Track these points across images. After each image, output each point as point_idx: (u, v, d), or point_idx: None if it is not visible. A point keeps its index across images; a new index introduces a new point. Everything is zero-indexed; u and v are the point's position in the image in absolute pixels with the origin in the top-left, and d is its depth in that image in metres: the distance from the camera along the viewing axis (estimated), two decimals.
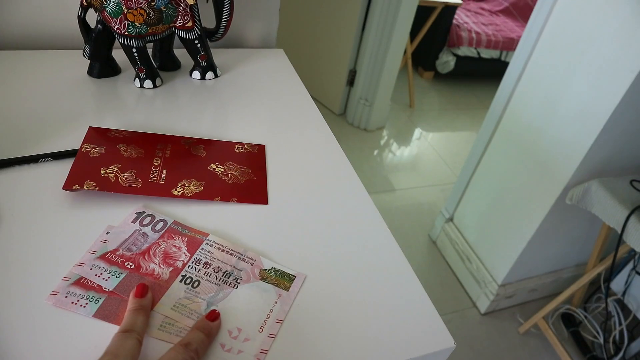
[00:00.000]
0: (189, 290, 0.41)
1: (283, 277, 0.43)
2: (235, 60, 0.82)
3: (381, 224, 0.52)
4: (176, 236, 0.45)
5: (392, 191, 2.14)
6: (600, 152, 1.19)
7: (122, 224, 0.46)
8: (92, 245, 0.43)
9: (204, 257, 0.44)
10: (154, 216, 0.47)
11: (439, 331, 0.41)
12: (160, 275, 0.41)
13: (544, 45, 1.28)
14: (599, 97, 1.12)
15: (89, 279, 0.40)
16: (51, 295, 0.38)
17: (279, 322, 0.39)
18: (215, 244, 0.45)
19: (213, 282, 0.42)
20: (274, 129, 0.65)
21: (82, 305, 0.38)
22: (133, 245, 0.44)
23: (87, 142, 0.54)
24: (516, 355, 1.51)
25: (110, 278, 0.40)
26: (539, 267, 1.57)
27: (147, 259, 0.42)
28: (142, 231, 0.45)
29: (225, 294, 0.41)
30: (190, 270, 0.42)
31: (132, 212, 0.47)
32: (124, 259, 0.42)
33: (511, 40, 3.11)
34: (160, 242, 0.44)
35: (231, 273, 0.43)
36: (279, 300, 0.41)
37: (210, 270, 0.43)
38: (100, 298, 0.38)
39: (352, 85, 2.49)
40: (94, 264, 0.41)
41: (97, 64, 0.70)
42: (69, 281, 0.39)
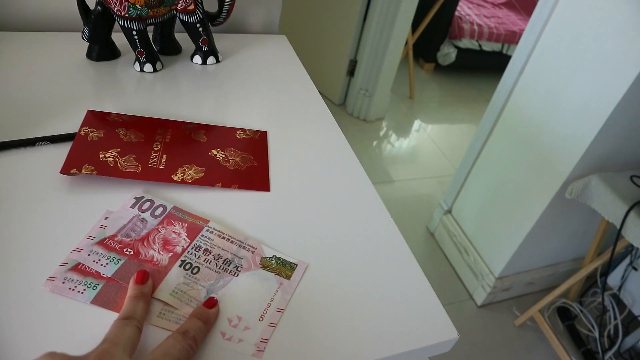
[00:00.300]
0: (189, 276, 0.40)
1: (284, 266, 0.43)
2: (237, 46, 0.81)
3: (384, 214, 0.51)
4: (176, 222, 0.44)
5: (390, 182, 2.13)
6: (601, 147, 1.19)
7: (120, 210, 0.45)
8: (90, 230, 0.42)
9: (204, 243, 0.43)
10: (153, 201, 0.46)
11: (441, 322, 0.41)
12: (159, 261, 0.41)
13: (548, 38, 1.27)
14: (601, 91, 1.11)
15: (87, 265, 0.39)
16: (48, 281, 0.37)
17: (280, 311, 0.39)
18: (216, 231, 0.44)
19: (213, 269, 0.41)
20: (276, 116, 0.64)
21: (80, 292, 0.37)
22: (132, 231, 0.43)
23: (86, 125, 0.53)
24: (512, 348, 1.52)
25: (109, 264, 0.39)
26: (536, 260, 1.57)
27: (146, 245, 0.42)
28: (141, 217, 0.44)
29: (226, 281, 0.40)
30: (189, 256, 0.42)
31: (131, 197, 0.46)
32: (123, 245, 0.41)
33: (513, 33, 3.09)
34: (160, 228, 0.44)
35: (232, 261, 0.42)
36: (280, 289, 0.41)
37: (210, 257, 0.42)
38: (98, 284, 0.38)
39: (352, 75, 2.47)
40: (91, 249, 0.40)
41: (96, 46, 0.68)
42: (66, 267, 0.38)
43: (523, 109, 1.38)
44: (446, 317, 0.41)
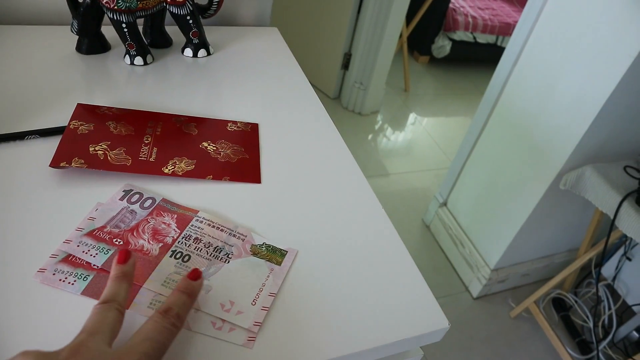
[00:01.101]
0: (180, 264, 0.40)
1: (274, 253, 0.43)
2: (229, 38, 0.80)
3: (376, 205, 0.51)
4: (165, 213, 0.44)
5: (386, 175, 2.13)
6: (595, 138, 1.19)
7: (109, 202, 0.45)
8: (80, 222, 0.42)
9: (194, 233, 0.43)
10: (142, 194, 0.46)
11: (433, 311, 0.41)
12: (149, 250, 0.41)
13: (541, 29, 1.26)
14: (595, 82, 1.11)
15: (76, 256, 0.39)
16: (38, 273, 0.37)
17: (272, 295, 0.39)
18: (206, 220, 0.45)
19: (204, 257, 0.41)
20: (268, 108, 0.64)
21: (71, 283, 0.37)
22: (121, 222, 0.43)
23: (75, 119, 0.53)
24: (507, 339, 1.52)
25: (99, 254, 0.39)
26: (532, 252, 1.58)
27: (136, 235, 0.42)
28: (130, 208, 0.44)
29: (217, 268, 0.40)
30: (180, 246, 0.42)
31: (120, 189, 0.46)
32: (112, 235, 0.41)
33: (507, 25, 3.09)
34: (149, 219, 0.44)
35: (222, 248, 0.42)
36: (271, 274, 0.41)
37: (200, 245, 0.42)
38: (88, 275, 0.38)
39: (346, 68, 2.47)
40: (81, 241, 0.40)
41: (86, 39, 0.68)
42: (56, 258, 0.38)
43: (517, 100, 1.38)
44: (437, 306, 0.42)
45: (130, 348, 0.29)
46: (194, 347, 0.35)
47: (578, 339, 1.52)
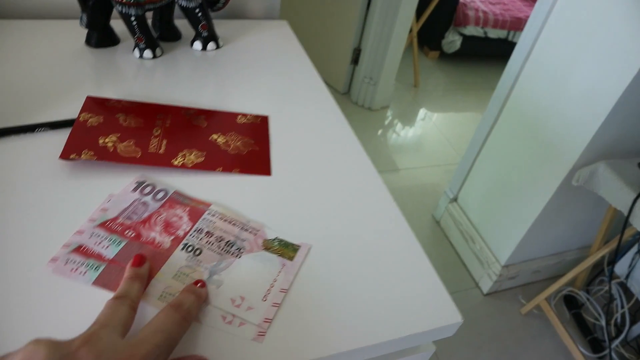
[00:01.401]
0: (191, 258, 0.40)
1: (287, 247, 0.42)
2: (238, 31, 0.80)
3: (388, 199, 0.50)
4: (177, 206, 0.44)
5: (395, 171, 2.12)
6: (608, 134, 1.17)
7: (122, 193, 0.45)
8: (92, 213, 0.42)
9: (206, 226, 0.43)
10: (154, 186, 0.46)
11: (446, 306, 0.40)
12: (161, 243, 0.40)
13: (553, 24, 1.24)
14: (608, 77, 1.09)
15: (88, 247, 0.39)
16: (51, 262, 0.37)
17: (283, 291, 0.39)
18: (218, 214, 0.44)
19: (215, 251, 0.41)
20: (278, 101, 0.63)
21: (82, 273, 0.37)
22: (133, 213, 0.43)
23: (85, 111, 0.53)
24: (517, 336, 1.51)
25: (110, 246, 0.39)
26: (543, 248, 1.56)
27: (148, 227, 0.42)
28: (142, 200, 0.44)
29: (228, 263, 0.40)
30: (191, 239, 0.41)
31: (132, 181, 0.46)
32: (124, 227, 0.41)
33: (519, 20, 3.05)
34: (161, 211, 0.43)
35: (234, 243, 0.42)
36: (283, 270, 0.40)
37: (212, 239, 0.42)
38: (100, 266, 0.38)
39: (356, 63, 2.46)
40: (93, 232, 0.40)
41: (95, 33, 0.68)
42: (68, 249, 0.39)
43: (528, 96, 1.36)
44: (450, 301, 0.41)
45: (142, 339, 0.29)
46: (204, 340, 0.35)
47: (590, 337, 1.51)
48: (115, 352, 0.27)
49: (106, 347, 0.27)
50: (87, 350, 0.26)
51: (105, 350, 0.27)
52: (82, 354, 0.26)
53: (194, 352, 0.34)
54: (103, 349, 0.27)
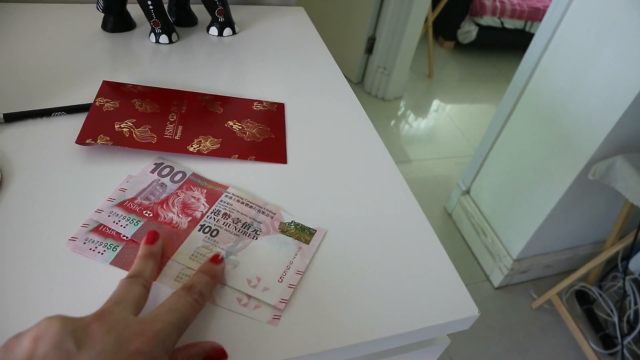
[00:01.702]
0: (208, 239, 0.40)
1: (303, 231, 0.42)
2: (254, 18, 0.79)
3: (405, 189, 0.50)
4: (195, 188, 0.44)
5: (408, 162, 2.11)
6: (627, 127, 1.15)
7: (140, 174, 0.45)
8: (111, 193, 0.42)
9: (223, 208, 0.43)
10: (172, 167, 0.46)
11: (462, 299, 0.40)
12: (178, 224, 0.41)
13: (574, 15, 1.22)
14: (629, 69, 1.07)
15: (107, 226, 0.39)
16: (70, 241, 0.38)
17: (300, 273, 0.39)
18: (235, 197, 0.44)
19: (232, 232, 0.41)
20: (294, 89, 0.63)
21: (100, 252, 0.37)
22: (151, 194, 0.43)
23: (101, 96, 0.53)
24: (528, 330, 1.50)
25: (128, 225, 0.40)
26: (556, 243, 1.54)
27: (166, 208, 0.42)
28: (160, 181, 0.45)
29: (245, 244, 0.40)
30: (209, 220, 0.41)
31: (151, 162, 0.46)
32: (142, 207, 0.41)
33: (537, 10, 3.00)
34: (179, 193, 0.44)
35: (250, 225, 0.42)
36: (299, 252, 0.40)
37: (229, 220, 0.42)
38: (118, 246, 0.38)
39: (370, 53, 2.43)
40: (112, 211, 0.41)
41: (112, 17, 0.67)
42: (87, 228, 0.39)
43: (546, 87, 1.34)
44: (467, 294, 0.40)
45: (154, 317, 0.29)
46: (218, 321, 0.35)
47: (601, 333, 1.49)
48: (126, 327, 0.27)
49: (117, 322, 0.28)
50: (99, 325, 0.27)
51: (117, 325, 0.27)
52: (94, 328, 0.26)
53: (208, 333, 0.34)
54: (114, 324, 0.27)
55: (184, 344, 0.32)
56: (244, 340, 0.34)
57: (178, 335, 0.30)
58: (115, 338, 0.26)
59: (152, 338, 0.27)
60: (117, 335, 0.27)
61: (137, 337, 0.27)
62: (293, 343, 0.34)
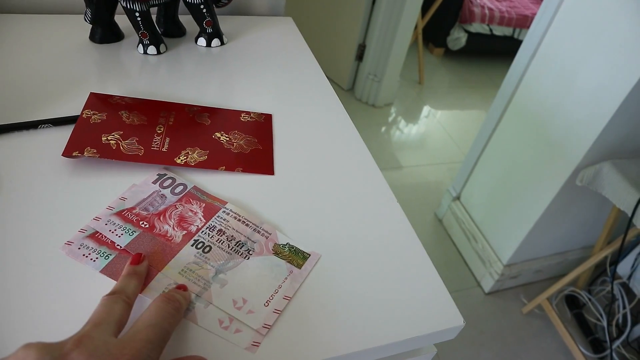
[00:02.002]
0: (199, 255, 0.40)
1: (297, 255, 0.42)
2: (243, 28, 0.80)
3: (391, 199, 0.50)
4: (194, 201, 0.45)
5: (398, 168, 2.12)
6: (613, 133, 1.16)
7: (142, 184, 0.45)
8: (111, 201, 0.43)
9: (219, 224, 0.43)
10: (175, 179, 0.47)
11: (448, 309, 0.40)
12: (172, 237, 0.41)
13: (561, 22, 1.23)
14: (615, 76, 1.08)
15: (103, 234, 0.39)
16: (66, 245, 0.38)
17: (287, 298, 0.38)
18: (233, 213, 0.44)
19: (225, 250, 0.41)
20: (282, 99, 0.63)
21: (93, 259, 0.38)
22: (150, 205, 0.43)
23: (88, 108, 0.53)
24: (518, 335, 1.51)
25: (124, 235, 0.40)
26: (545, 248, 1.56)
27: (162, 220, 0.42)
28: (161, 192, 0.45)
29: (236, 263, 0.40)
30: (203, 236, 0.42)
31: (154, 173, 0.47)
32: (140, 217, 0.42)
33: (525, 17, 3.04)
34: (178, 205, 0.44)
35: (244, 243, 0.42)
36: (290, 277, 0.40)
37: (223, 237, 0.42)
38: (110, 254, 0.38)
39: (360, 60, 2.45)
40: (109, 219, 0.41)
41: (99, 28, 0.67)
42: (84, 233, 0.39)
43: (534, 94, 1.35)
44: (452, 304, 0.41)
45: (132, 335, 0.29)
46: (197, 342, 0.34)
47: (591, 337, 1.51)
48: (107, 351, 0.27)
49: (97, 349, 0.27)
50: (79, 352, 0.26)
51: (96, 352, 0.27)
52: (73, 357, 0.26)
53: (185, 352, 0.34)
54: (94, 351, 0.27)
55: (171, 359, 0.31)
56: None
57: (159, 352, 0.30)
58: None
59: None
60: None
61: None
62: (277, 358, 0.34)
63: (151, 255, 0.39)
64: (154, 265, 0.38)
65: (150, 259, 0.38)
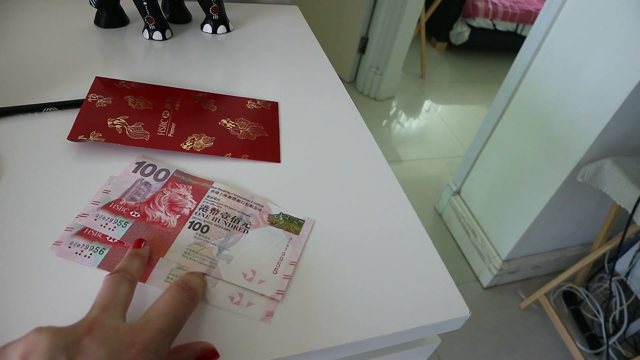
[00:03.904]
0: (199, 235, 0.40)
1: (292, 222, 0.43)
2: (249, 16, 0.79)
3: (397, 189, 0.50)
4: (180, 185, 0.44)
5: (399, 162, 2.12)
6: (616, 130, 1.16)
7: (122, 174, 0.44)
8: (94, 196, 0.42)
9: (211, 203, 0.43)
10: (155, 166, 0.46)
11: (453, 299, 0.40)
12: (167, 222, 0.40)
13: (565, 18, 1.23)
14: (619, 73, 1.08)
15: (93, 230, 0.38)
16: (55, 245, 0.37)
17: (293, 264, 0.39)
18: (221, 191, 0.44)
19: (222, 227, 0.41)
20: (288, 87, 0.63)
21: (87, 256, 0.37)
22: (136, 194, 0.42)
23: (94, 92, 0.52)
24: (516, 330, 1.52)
25: (117, 228, 0.39)
26: (544, 244, 1.56)
27: (152, 207, 0.41)
28: (144, 180, 0.44)
29: (236, 238, 0.40)
30: (197, 217, 0.41)
31: (132, 162, 0.46)
32: (129, 208, 0.41)
33: (529, 13, 3.02)
34: (164, 191, 0.43)
35: (240, 219, 0.42)
36: (291, 243, 0.41)
37: (218, 216, 0.42)
38: (105, 249, 0.37)
39: (363, 52, 2.44)
40: (97, 214, 0.40)
41: (105, 13, 0.67)
42: (72, 231, 0.38)
43: (537, 90, 1.35)
44: (458, 295, 0.41)
45: (145, 324, 0.29)
46: (210, 322, 0.34)
47: (587, 334, 1.51)
48: (118, 339, 0.27)
49: (109, 335, 0.27)
50: (91, 339, 0.26)
51: (108, 339, 0.27)
52: (85, 343, 0.26)
53: (200, 334, 0.33)
54: (106, 337, 0.27)
55: (175, 346, 0.31)
56: (237, 339, 0.34)
57: (171, 341, 0.29)
58: (107, 352, 0.26)
59: (143, 350, 0.27)
60: (109, 350, 0.26)
61: (129, 350, 0.26)
62: (284, 342, 0.34)
63: (150, 242, 0.38)
64: (155, 252, 0.38)
65: (151, 246, 0.38)
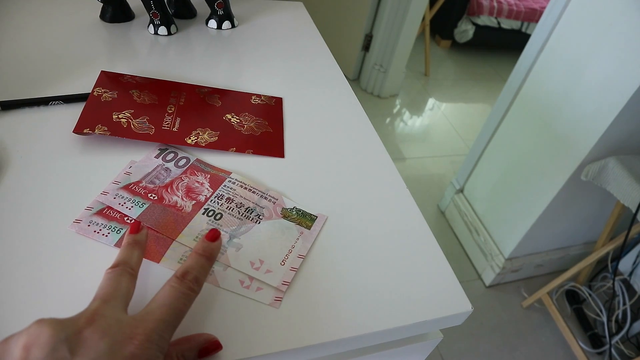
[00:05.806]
0: (212, 222, 0.41)
1: (304, 217, 0.43)
2: (253, 11, 0.79)
3: (401, 185, 0.50)
4: (199, 173, 0.45)
5: (402, 160, 2.12)
6: (620, 129, 1.16)
7: (144, 159, 0.46)
8: (116, 176, 0.43)
9: (227, 193, 0.44)
10: (176, 153, 0.47)
11: (455, 295, 0.40)
12: (182, 207, 0.41)
13: (570, 16, 1.22)
14: (624, 71, 1.08)
15: (112, 208, 0.40)
16: (74, 223, 0.38)
17: (301, 257, 0.40)
18: (238, 182, 0.45)
19: (235, 216, 0.42)
20: (292, 83, 0.63)
21: (105, 235, 0.38)
22: (156, 178, 0.44)
23: (99, 86, 0.53)
24: (518, 328, 1.52)
25: (134, 207, 0.40)
26: (547, 242, 1.56)
27: (170, 191, 0.43)
28: (165, 166, 0.45)
29: (248, 227, 0.41)
30: (212, 204, 0.42)
31: (155, 148, 0.47)
32: (147, 190, 0.42)
33: (533, 11, 3.01)
34: (183, 177, 0.44)
35: (253, 209, 0.43)
36: (301, 237, 0.41)
37: (232, 205, 0.43)
38: (122, 229, 0.39)
39: (367, 50, 2.43)
40: (117, 193, 0.41)
41: (110, 7, 0.67)
42: (91, 211, 0.40)
43: (541, 88, 1.34)
44: (460, 290, 0.41)
45: (146, 315, 0.29)
46: (220, 304, 0.35)
47: (590, 333, 1.51)
48: (119, 331, 0.27)
49: (110, 327, 0.27)
50: (92, 331, 0.26)
51: (110, 330, 0.27)
52: (87, 334, 0.26)
53: (210, 315, 0.34)
54: (107, 329, 0.27)
55: (178, 338, 0.31)
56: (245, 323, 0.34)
57: (172, 331, 0.30)
58: (108, 344, 0.26)
59: (145, 341, 0.27)
60: (110, 341, 0.26)
61: (131, 341, 0.27)
62: (288, 334, 0.34)
63: (164, 225, 0.39)
64: (168, 234, 0.39)
65: (164, 228, 0.39)
